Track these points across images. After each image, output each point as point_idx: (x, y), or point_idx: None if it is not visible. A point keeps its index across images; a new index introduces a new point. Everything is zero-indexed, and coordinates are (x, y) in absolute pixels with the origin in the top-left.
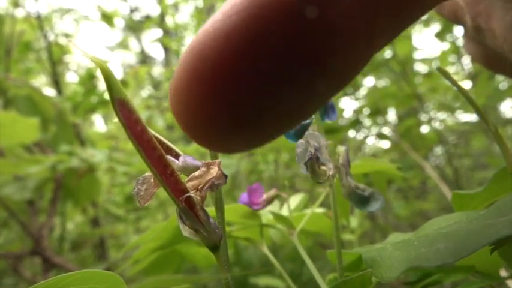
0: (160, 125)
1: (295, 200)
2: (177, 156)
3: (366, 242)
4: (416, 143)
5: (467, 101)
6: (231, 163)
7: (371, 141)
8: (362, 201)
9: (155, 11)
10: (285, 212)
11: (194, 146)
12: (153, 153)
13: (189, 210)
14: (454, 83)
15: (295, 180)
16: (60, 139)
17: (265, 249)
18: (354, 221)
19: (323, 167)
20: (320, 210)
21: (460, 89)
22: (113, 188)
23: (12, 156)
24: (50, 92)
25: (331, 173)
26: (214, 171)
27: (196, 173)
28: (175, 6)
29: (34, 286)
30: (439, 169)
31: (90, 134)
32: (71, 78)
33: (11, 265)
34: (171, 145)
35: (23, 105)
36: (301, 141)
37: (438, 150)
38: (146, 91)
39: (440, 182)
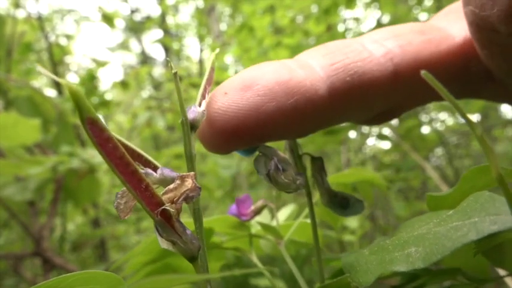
0: (160, 125)
1: (286, 211)
2: (155, 168)
3: (367, 243)
4: (417, 143)
5: (453, 105)
6: (231, 164)
7: (371, 142)
8: (342, 207)
9: (156, 12)
10: (275, 222)
11: None
12: (126, 169)
13: (165, 222)
14: (439, 87)
15: None
16: (61, 140)
17: (255, 259)
18: (354, 222)
19: (287, 176)
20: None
21: (444, 93)
22: (113, 188)
23: (13, 157)
24: (50, 93)
25: (298, 182)
26: (188, 183)
27: (171, 186)
28: (176, 7)
29: (35, 287)
30: (439, 170)
31: None
32: (72, 79)
33: (12, 266)
34: (150, 158)
35: (24, 106)
36: (256, 156)
37: (439, 150)
38: (147, 92)
39: (440, 183)
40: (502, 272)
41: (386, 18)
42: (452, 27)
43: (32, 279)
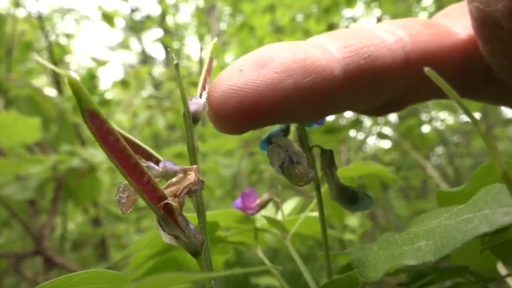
0: (161, 124)
1: (290, 204)
2: (157, 162)
3: (367, 242)
4: (417, 142)
5: (456, 102)
6: (231, 163)
7: (372, 141)
8: (350, 201)
9: (156, 11)
10: (280, 216)
11: None
12: (128, 162)
13: (168, 216)
14: (443, 84)
15: None
16: (61, 139)
17: (260, 254)
18: (354, 221)
19: (300, 169)
20: (316, 213)
21: (448, 90)
22: (113, 187)
23: (14, 156)
24: (51, 92)
25: (311, 175)
26: (191, 176)
27: (174, 179)
28: (176, 6)
29: (41, 285)
30: (440, 169)
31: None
32: None
33: (13, 265)
34: (152, 151)
35: (24, 105)
36: (270, 146)
37: (439, 149)
38: (147, 91)
39: (441, 182)
40: (504, 271)
41: (386, 17)
42: (455, 26)
43: (32, 279)
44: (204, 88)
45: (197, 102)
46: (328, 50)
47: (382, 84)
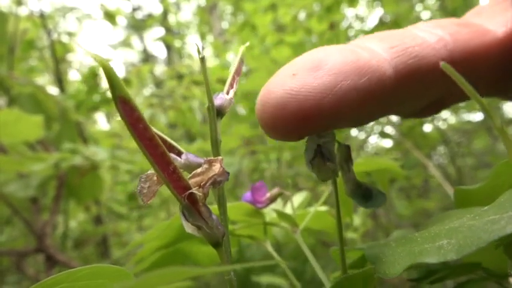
0: (162, 122)
1: (298, 198)
2: (179, 153)
3: (368, 241)
4: (419, 141)
5: (473, 98)
6: (233, 161)
7: (373, 140)
8: (365, 198)
9: (157, 10)
10: (288, 210)
11: (196, 145)
12: (156, 150)
13: (192, 206)
14: (460, 80)
15: (297, 179)
16: (63, 137)
17: (269, 247)
18: (356, 220)
19: (330, 166)
20: (323, 208)
21: (465, 87)
22: (115, 186)
23: (16, 154)
24: (53, 90)
25: (335, 171)
26: (216, 168)
27: (199, 170)
28: (178, 5)
29: (43, 281)
30: (441, 168)
31: (93, 132)
32: (74, 76)
33: (14, 263)
34: (174, 143)
35: (27, 103)
36: (307, 138)
37: (441, 149)
38: (148, 89)
39: (443, 181)
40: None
41: (388, 16)
42: (489, 24)
43: (34, 276)
44: (231, 86)
45: (223, 97)
46: (375, 52)
47: (429, 83)
